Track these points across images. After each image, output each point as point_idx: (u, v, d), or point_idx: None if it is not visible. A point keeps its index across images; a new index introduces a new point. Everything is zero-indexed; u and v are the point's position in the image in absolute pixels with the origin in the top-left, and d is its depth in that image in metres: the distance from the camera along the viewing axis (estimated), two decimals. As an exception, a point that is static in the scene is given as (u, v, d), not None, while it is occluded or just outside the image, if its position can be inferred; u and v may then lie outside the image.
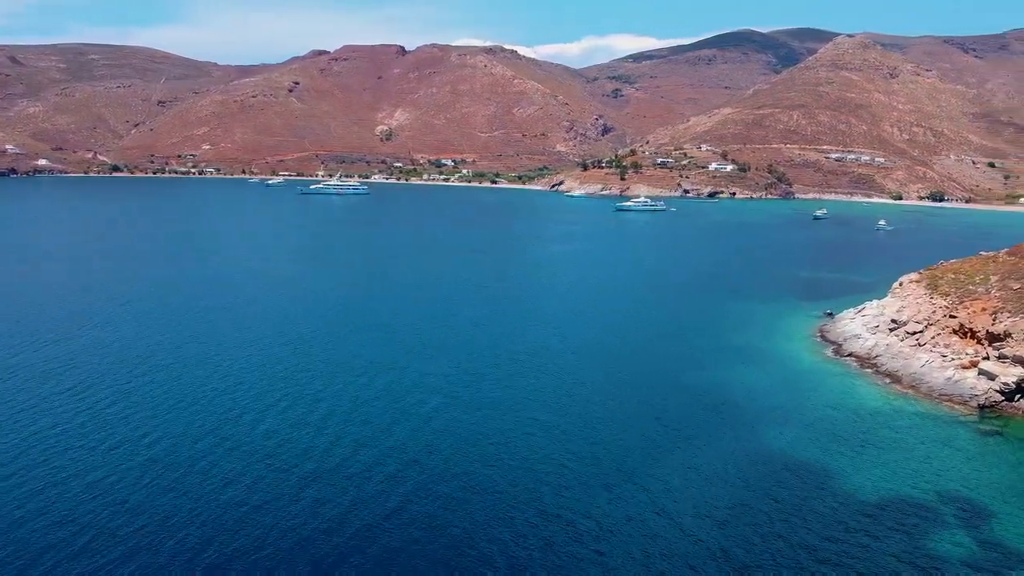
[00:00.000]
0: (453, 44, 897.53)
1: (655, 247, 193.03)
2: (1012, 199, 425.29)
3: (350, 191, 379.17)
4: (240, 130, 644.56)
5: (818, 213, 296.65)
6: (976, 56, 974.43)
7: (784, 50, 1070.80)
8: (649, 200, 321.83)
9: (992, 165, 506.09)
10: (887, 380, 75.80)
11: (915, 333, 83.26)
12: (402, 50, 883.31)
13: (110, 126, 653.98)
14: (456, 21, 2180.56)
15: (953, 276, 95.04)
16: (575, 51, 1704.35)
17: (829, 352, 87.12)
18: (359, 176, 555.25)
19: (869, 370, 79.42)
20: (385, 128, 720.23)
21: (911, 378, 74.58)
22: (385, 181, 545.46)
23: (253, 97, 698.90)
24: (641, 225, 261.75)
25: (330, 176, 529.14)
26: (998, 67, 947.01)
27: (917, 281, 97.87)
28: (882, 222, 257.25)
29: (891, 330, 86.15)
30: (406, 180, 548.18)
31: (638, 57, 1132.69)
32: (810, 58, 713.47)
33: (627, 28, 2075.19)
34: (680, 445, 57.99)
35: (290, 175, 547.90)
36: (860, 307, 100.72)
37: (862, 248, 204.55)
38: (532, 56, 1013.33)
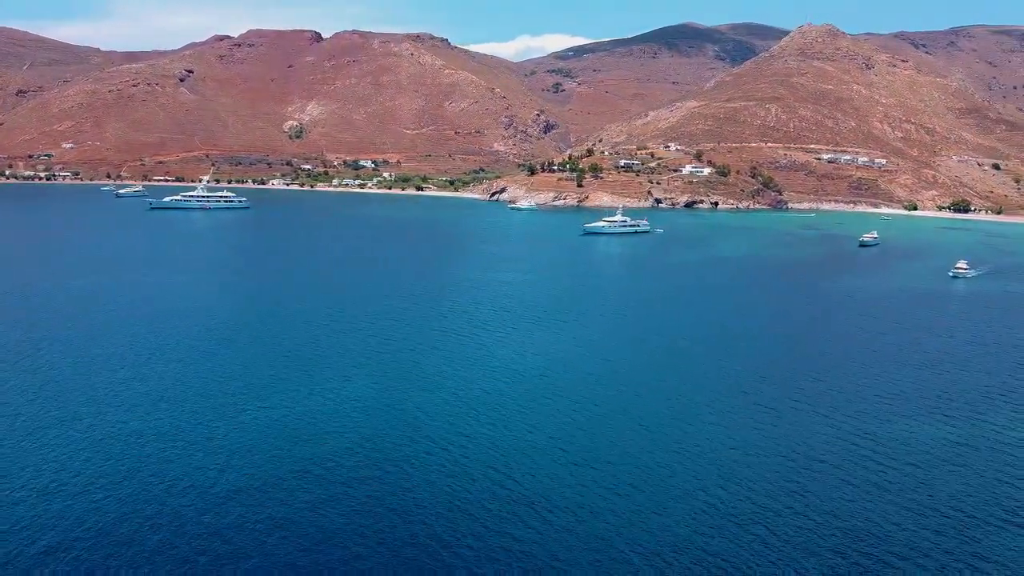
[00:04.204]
0: (376, 31, 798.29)
1: (667, 327, 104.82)
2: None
3: (221, 205, 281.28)
4: (114, 125, 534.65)
5: (866, 238, 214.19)
6: (927, 52, 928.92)
7: (730, 44, 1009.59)
8: (628, 219, 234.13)
9: (997, 167, 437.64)
10: None
11: None
12: (317, 36, 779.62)
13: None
14: (380, 18, 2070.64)
15: None
16: (509, 51, 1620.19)
17: None
18: (253, 181, 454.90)
19: None
20: (294, 124, 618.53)
21: None
22: (286, 188, 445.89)
23: (133, 87, 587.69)
24: (624, 261, 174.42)
25: (216, 181, 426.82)
26: (950, 63, 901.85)
27: None
28: (962, 265, 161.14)
29: None
30: (311, 187, 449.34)
31: (579, 51, 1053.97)
32: (775, 47, 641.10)
33: (561, 28, 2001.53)
34: None
35: (168, 180, 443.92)
36: None
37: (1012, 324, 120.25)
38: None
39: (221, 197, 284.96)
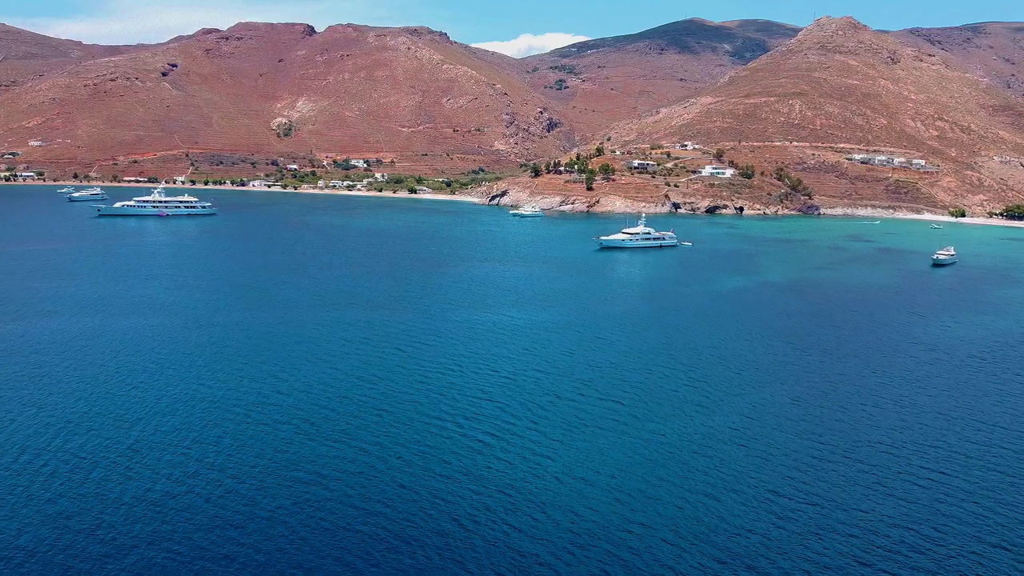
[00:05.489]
0: (371, 25, 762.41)
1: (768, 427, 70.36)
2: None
3: (181, 211, 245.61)
4: (87, 122, 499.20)
5: (941, 256, 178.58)
6: (942, 49, 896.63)
7: (740, 41, 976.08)
8: (651, 230, 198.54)
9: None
10: None
11: None
12: (310, 30, 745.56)
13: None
14: (380, 17, 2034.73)
15: None
16: (511, 50, 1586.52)
17: None
18: (232, 182, 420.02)
19: None
20: (283, 121, 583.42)
21: None
22: (267, 190, 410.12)
23: (111, 81, 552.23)
24: (658, 291, 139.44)
25: (192, 183, 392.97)
26: (967, 60, 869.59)
27: None
28: None
29: None
30: (295, 188, 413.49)
31: (582, 47, 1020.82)
32: (792, 40, 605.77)
33: (564, 27, 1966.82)
34: None
35: (140, 181, 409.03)
36: None
37: None
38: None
39: (181, 202, 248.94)
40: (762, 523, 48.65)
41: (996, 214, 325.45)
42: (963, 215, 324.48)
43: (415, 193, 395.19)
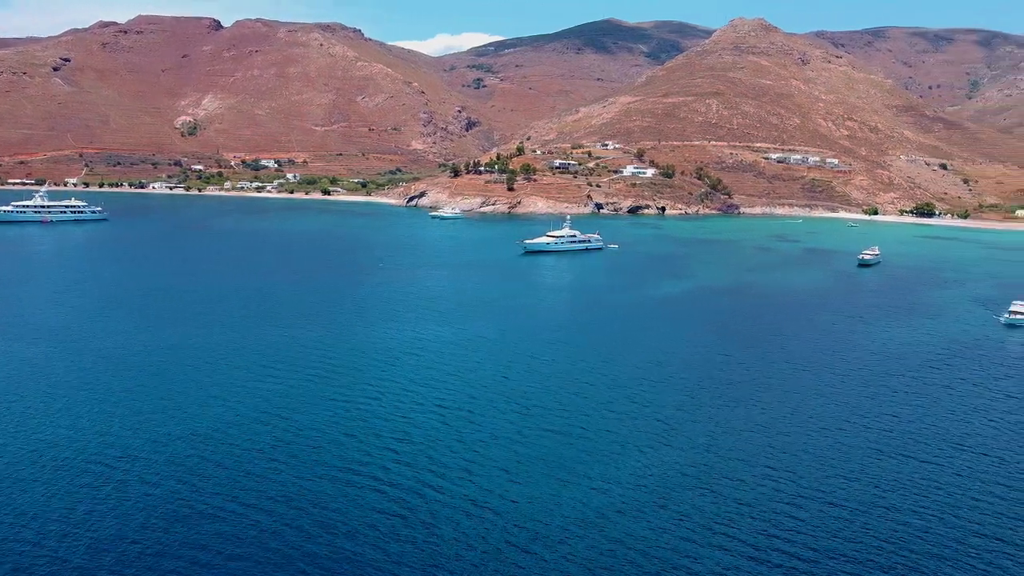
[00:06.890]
0: (282, 21, 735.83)
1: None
2: (1009, 214, 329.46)
3: (67, 216, 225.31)
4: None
5: (866, 256, 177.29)
6: (846, 51, 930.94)
7: (655, 42, 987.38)
8: (577, 233, 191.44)
9: (945, 167, 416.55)
10: None
11: None
12: (216, 24, 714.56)
13: None
14: (291, 13, 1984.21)
15: None
16: (428, 50, 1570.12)
17: None
18: (131, 184, 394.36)
19: None
20: (188, 120, 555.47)
21: None
22: (169, 192, 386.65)
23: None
24: (590, 300, 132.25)
25: (85, 185, 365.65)
26: (868, 63, 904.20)
27: None
28: (1020, 308, 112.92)
29: None
30: (200, 190, 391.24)
31: (499, 46, 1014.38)
32: (707, 41, 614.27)
33: (481, 26, 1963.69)
34: None
35: (27, 183, 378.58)
36: None
37: None
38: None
39: (67, 207, 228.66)
40: (748, 595, 40.28)
41: (906, 211, 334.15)
42: (876, 213, 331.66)
43: (329, 194, 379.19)
